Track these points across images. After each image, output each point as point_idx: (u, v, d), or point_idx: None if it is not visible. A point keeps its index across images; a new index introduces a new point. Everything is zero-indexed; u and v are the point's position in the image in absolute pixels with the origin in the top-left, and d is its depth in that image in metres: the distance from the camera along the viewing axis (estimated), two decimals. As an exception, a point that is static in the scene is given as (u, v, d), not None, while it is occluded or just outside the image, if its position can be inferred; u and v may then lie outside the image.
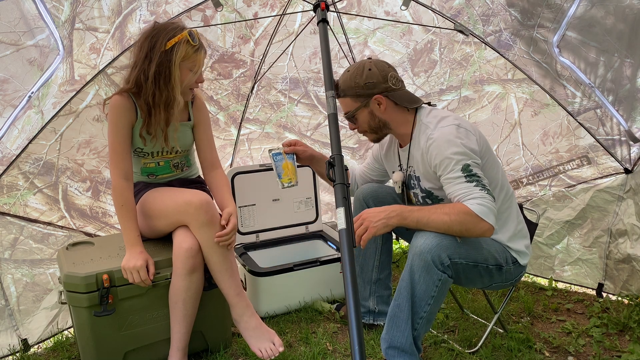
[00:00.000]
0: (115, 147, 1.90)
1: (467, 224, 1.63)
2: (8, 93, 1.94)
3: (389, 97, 1.85)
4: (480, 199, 1.64)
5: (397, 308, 1.72)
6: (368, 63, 1.87)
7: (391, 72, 1.87)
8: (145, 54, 1.85)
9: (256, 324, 1.91)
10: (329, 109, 1.67)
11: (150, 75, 1.84)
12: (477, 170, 1.69)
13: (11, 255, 2.17)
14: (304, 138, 3.15)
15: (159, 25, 1.89)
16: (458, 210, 1.64)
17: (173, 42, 1.84)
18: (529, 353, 2.02)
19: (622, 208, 2.39)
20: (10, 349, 2.12)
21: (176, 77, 1.87)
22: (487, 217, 1.62)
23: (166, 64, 1.85)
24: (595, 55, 2.15)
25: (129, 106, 1.90)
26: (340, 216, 1.42)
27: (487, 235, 1.65)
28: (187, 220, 1.84)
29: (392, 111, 1.88)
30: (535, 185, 2.70)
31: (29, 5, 1.84)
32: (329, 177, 1.55)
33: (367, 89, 1.83)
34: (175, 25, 1.89)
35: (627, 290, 2.39)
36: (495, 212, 1.65)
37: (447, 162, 1.70)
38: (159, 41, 1.84)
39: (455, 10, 2.40)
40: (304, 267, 2.41)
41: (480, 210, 1.62)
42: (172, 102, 1.91)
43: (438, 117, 1.81)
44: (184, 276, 1.82)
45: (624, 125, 2.27)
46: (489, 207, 1.63)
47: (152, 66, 1.84)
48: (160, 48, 1.84)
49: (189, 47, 1.86)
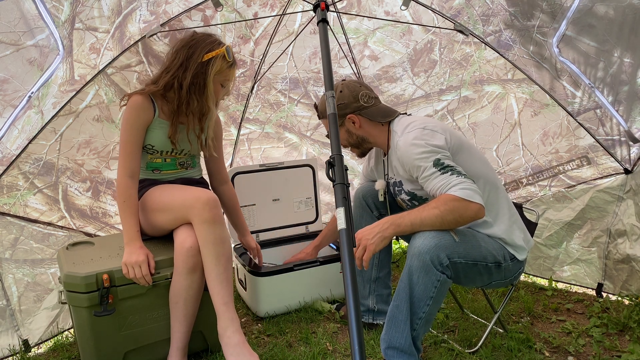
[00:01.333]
0: (126, 145, 1.93)
1: (458, 209, 1.65)
2: (8, 93, 1.94)
3: (361, 114, 1.98)
4: (460, 184, 1.68)
5: (396, 309, 1.72)
6: (340, 85, 2.00)
7: (362, 91, 1.99)
8: (181, 63, 1.93)
9: (238, 341, 1.79)
10: (329, 109, 1.67)
11: (185, 84, 1.92)
12: (448, 162, 1.74)
13: (12, 255, 2.17)
14: (304, 138, 3.15)
15: (198, 36, 1.97)
16: (445, 200, 1.67)
17: (210, 56, 1.91)
18: (529, 353, 2.02)
19: (622, 208, 2.40)
20: (11, 349, 2.12)
21: (210, 89, 1.96)
22: (473, 198, 1.65)
23: (202, 75, 1.93)
24: (595, 55, 2.15)
25: (148, 107, 1.95)
26: (340, 216, 1.42)
27: (480, 215, 1.68)
28: (192, 216, 1.83)
29: (368, 126, 2.00)
30: (535, 185, 2.70)
31: (29, 5, 1.84)
32: (329, 177, 1.55)
33: (340, 109, 1.96)
34: (213, 39, 1.97)
35: (626, 290, 2.39)
36: (479, 193, 1.69)
37: (417, 162, 1.76)
38: (197, 52, 1.92)
39: (455, 10, 2.40)
40: (304, 267, 2.41)
41: (465, 193, 1.66)
42: (206, 112, 2.01)
43: (405, 124, 1.89)
44: (185, 275, 1.82)
45: (623, 126, 2.27)
46: (472, 188, 1.67)
47: (187, 75, 1.92)
48: (197, 59, 1.91)
49: (224, 63, 1.95)
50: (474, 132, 2.79)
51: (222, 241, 1.83)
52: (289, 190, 2.84)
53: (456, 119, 2.82)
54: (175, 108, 1.97)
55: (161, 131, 2.00)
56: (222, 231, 1.84)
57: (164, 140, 2.01)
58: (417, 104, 2.92)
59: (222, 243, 1.83)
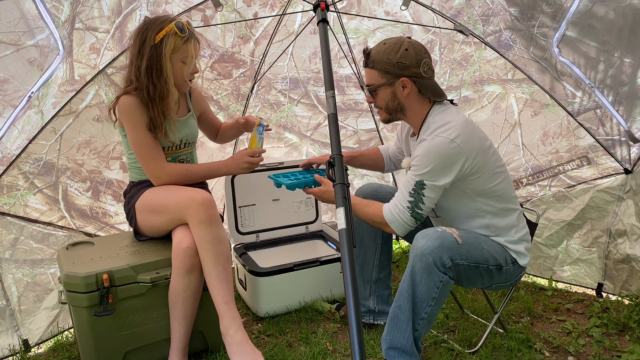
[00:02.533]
0: (141, 149, 1.93)
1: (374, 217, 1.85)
2: (8, 93, 1.94)
3: (415, 83, 1.79)
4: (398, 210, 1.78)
5: (398, 309, 1.72)
6: (406, 42, 1.79)
7: (425, 59, 1.80)
8: (138, 50, 1.89)
9: (241, 340, 1.78)
10: (329, 109, 1.67)
11: (142, 70, 1.88)
12: (427, 192, 1.75)
13: (12, 255, 2.17)
14: (304, 138, 3.15)
15: (148, 19, 1.92)
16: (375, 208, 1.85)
17: (161, 35, 1.86)
18: (529, 353, 2.02)
19: (622, 208, 2.39)
20: (11, 349, 2.12)
21: (168, 70, 1.90)
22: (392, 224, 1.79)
23: (156, 57, 1.88)
24: (595, 55, 2.15)
25: (139, 104, 1.92)
26: (340, 216, 1.42)
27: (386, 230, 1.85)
28: (187, 216, 1.83)
29: (414, 98, 1.82)
30: (535, 185, 2.70)
31: (29, 5, 1.84)
32: (329, 177, 1.55)
33: (398, 68, 1.77)
34: (163, 18, 1.91)
35: (626, 290, 2.39)
36: (405, 227, 1.79)
37: (415, 168, 1.76)
38: (149, 35, 1.87)
39: (455, 10, 2.40)
40: (304, 267, 2.41)
41: (390, 218, 1.79)
42: (165, 95, 1.93)
43: (442, 122, 1.75)
44: (183, 275, 1.82)
45: (623, 126, 2.27)
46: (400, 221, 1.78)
47: (143, 61, 1.87)
48: (149, 42, 1.87)
49: (177, 39, 1.88)
50: (474, 132, 2.79)
51: (219, 241, 1.82)
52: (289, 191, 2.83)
53: (456, 119, 2.82)
54: (146, 98, 1.91)
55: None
56: (219, 231, 1.83)
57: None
58: (417, 104, 2.92)
59: (220, 242, 1.83)
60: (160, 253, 1.93)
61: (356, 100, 3.06)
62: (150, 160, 1.94)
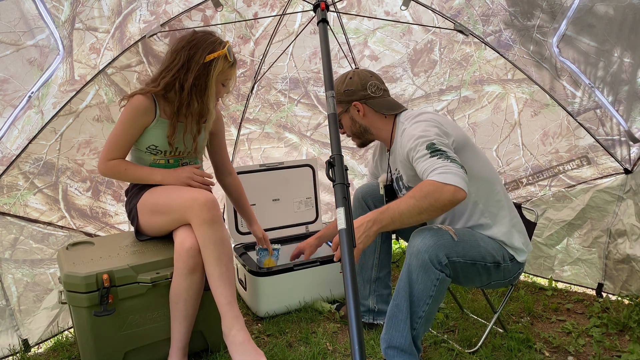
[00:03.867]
0: (117, 140, 1.95)
1: (433, 193, 1.58)
2: (8, 93, 1.94)
3: (367, 103, 1.96)
4: (441, 167, 1.61)
5: (396, 308, 1.72)
6: (351, 72, 2.00)
7: (372, 81, 1.98)
8: (182, 64, 1.91)
9: (243, 339, 1.79)
10: (328, 109, 1.67)
11: (186, 86, 1.91)
12: (442, 147, 1.68)
13: (12, 255, 2.17)
14: (304, 138, 3.15)
15: (198, 35, 1.94)
16: (421, 187, 1.61)
17: (213, 57, 1.90)
18: (529, 353, 2.02)
19: (622, 208, 2.39)
20: (11, 349, 2.12)
21: (212, 91, 1.95)
22: (449, 180, 1.57)
23: (204, 77, 1.92)
24: (595, 55, 2.15)
25: (150, 108, 1.95)
26: (340, 216, 1.42)
27: (457, 197, 1.57)
28: (190, 217, 1.83)
29: (372, 117, 1.98)
30: (535, 185, 2.70)
31: (29, 5, 1.84)
32: (329, 177, 1.55)
33: (346, 95, 1.96)
34: (215, 39, 1.95)
35: (626, 290, 2.39)
36: (461, 175, 1.60)
37: (414, 144, 1.73)
38: (198, 53, 1.90)
39: (455, 10, 2.40)
40: (304, 267, 2.41)
41: (441, 177, 1.59)
42: (206, 113, 2.00)
43: (414, 115, 1.88)
44: (186, 276, 1.82)
45: (623, 126, 2.27)
46: (452, 171, 1.60)
47: (189, 77, 1.90)
48: (199, 60, 1.90)
49: (226, 63, 1.95)
50: (474, 132, 2.79)
51: (222, 241, 1.83)
52: (289, 190, 2.84)
53: (456, 119, 2.82)
54: (176, 110, 1.96)
55: (162, 130, 1.99)
56: (222, 231, 1.84)
57: (165, 139, 2.00)
58: (417, 104, 2.92)
59: (223, 243, 1.83)
60: (161, 253, 1.93)
61: (356, 100, 3.06)
62: (107, 149, 1.96)
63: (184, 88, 1.91)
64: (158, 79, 1.96)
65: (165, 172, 1.99)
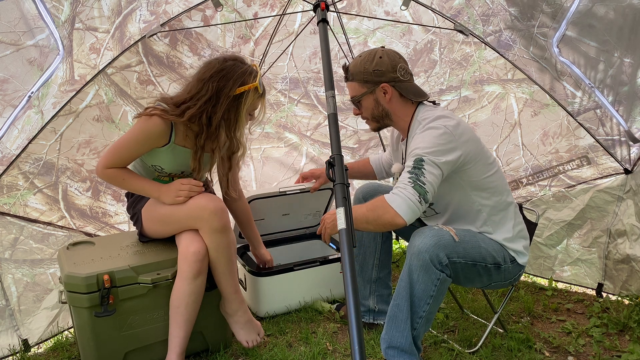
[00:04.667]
0: (121, 152, 1.81)
1: (378, 209, 1.69)
2: (8, 93, 1.94)
3: (395, 87, 1.86)
4: (400, 188, 1.68)
5: (396, 308, 1.72)
6: (380, 51, 1.88)
7: (401, 64, 1.87)
8: (211, 96, 1.77)
9: (248, 319, 1.98)
10: (329, 109, 1.67)
11: (214, 120, 1.80)
12: (427, 167, 1.68)
13: (11, 255, 2.17)
14: (304, 138, 3.15)
15: (228, 65, 1.80)
16: (375, 200, 1.73)
17: (243, 89, 1.79)
18: (529, 353, 2.02)
19: (622, 208, 2.39)
20: (11, 349, 2.12)
21: (242, 124, 1.85)
22: (394, 204, 1.65)
23: (234, 110, 1.81)
24: (595, 55, 2.15)
25: (165, 133, 1.82)
26: (340, 216, 1.42)
27: (396, 222, 1.66)
28: (200, 225, 1.82)
29: (396, 102, 1.88)
30: (535, 185, 2.70)
31: (29, 5, 1.84)
32: (329, 177, 1.55)
33: (375, 76, 1.84)
34: (245, 69, 1.81)
35: (626, 290, 2.39)
36: (409, 204, 1.65)
37: (412, 150, 1.74)
38: (228, 85, 1.78)
39: (455, 10, 2.40)
40: (304, 267, 2.41)
41: (391, 198, 1.67)
42: (237, 150, 1.94)
43: (433, 116, 1.81)
44: (190, 280, 1.81)
45: (623, 126, 2.27)
46: (402, 196, 1.66)
47: (217, 110, 1.79)
48: (229, 93, 1.78)
49: (256, 94, 1.84)
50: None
51: (233, 244, 1.90)
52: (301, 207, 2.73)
53: (456, 119, 2.82)
54: (202, 143, 1.84)
55: (173, 156, 1.90)
56: (232, 236, 1.89)
57: (175, 164, 1.92)
58: (417, 104, 2.92)
59: (233, 245, 1.90)
60: (161, 254, 1.93)
61: (356, 100, 3.05)
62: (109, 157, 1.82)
63: (212, 122, 1.80)
64: (182, 105, 1.80)
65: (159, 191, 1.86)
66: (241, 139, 1.92)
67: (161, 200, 1.86)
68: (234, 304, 1.95)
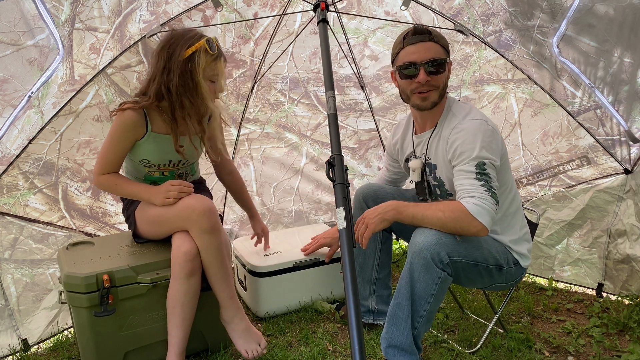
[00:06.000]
0: (106, 155, 1.89)
1: (461, 222, 1.64)
2: (8, 93, 1.94)
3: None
4: (479, 199, 1.64)
5: (397, 307, 1.72)
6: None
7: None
8: (164, 66, 1.81)
9: (245, 327, 1.93)
10: (329, 109, 1.67)
11: (172, 88, 1.81)
12: (490, 171, 1.68)
13: (11, 255, 2.17)
14: (304, 138, 3.15)
15: (175, 33, 1.83)
16: (453, 208, 1.65)
17: (191, 51, 1.79)
18: (529, 353, 2.02)
19: (622, 208, 2.39)
20: (10, 349, 2.12)
21: (203, 86, 1.83)
22: (480, 217, 1.62)
23: (188, 74, 1.81)
24: (595, 55, 2.15)
25: (140, 123, 1.87)
26: (340, 216, 1.42)
27: (480, 234, 1.66)
28: (189, 226, 1.82)
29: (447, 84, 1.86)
30: (535, 185, 2.70)
31: (29, 5, 1.84)
32: (329, 177, 1.55)
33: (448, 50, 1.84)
34: (193, 33, 1.83)
35: (626, 290, 2.39)
36: (492, 215, 1.64)
37: (466, 154, 1.70)
38: (177, 50, 1.79)
39: (455, 10, 2.40)
40: (304, 267, 2.41)
41: (476, 210, 1.62)
42: (205, 112, 1.92)
43: (466, 109, 1.81)
44: (183, 279, 1.81)
45: (623, 126, 2.27)
46: (486, 208, 1.63)
47: (172, 77, 1.80)
48: (179, 58, 1.79)
49: (208, 56, 1.82)
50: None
51: (224, 245, 1.86)
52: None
53: (456, 119, 2.82)
54: (172, 116, 1.87)
55: (156, 145, 1.93)
56: (222, 237, 1.86)
57: (159, 154, 1.95)
58: (417, 104, 2.92)
59: (224, 246, 1.87)
60: (161, 253, 1.93)
61: (356, 100, 3.06)
62: (99, 164, 1.90)
63: (171, 90, 1.80)
64: (147, 89, 1.87)
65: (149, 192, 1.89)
66: (207, 102, 1.88)
67: (152, 201, 1.88)
68: (229, 311, 1.91)
